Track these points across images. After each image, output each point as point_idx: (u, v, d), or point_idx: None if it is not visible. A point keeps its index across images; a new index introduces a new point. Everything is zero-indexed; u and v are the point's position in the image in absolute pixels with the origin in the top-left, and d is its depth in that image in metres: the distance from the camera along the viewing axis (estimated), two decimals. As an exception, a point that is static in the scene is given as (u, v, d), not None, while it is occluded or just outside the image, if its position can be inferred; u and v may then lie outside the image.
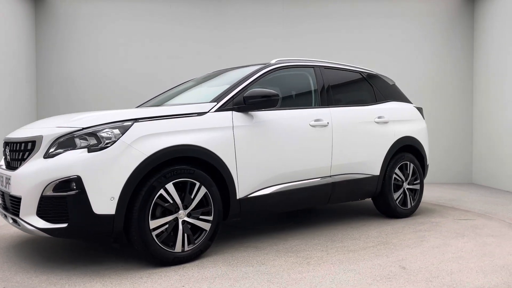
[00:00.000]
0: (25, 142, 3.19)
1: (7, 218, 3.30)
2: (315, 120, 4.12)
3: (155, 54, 7.68)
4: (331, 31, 8.03)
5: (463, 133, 8.26)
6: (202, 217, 3.34)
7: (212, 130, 3.45)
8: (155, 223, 3.10)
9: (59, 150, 3.00)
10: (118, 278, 2.94)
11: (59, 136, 3.03)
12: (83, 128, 3.03)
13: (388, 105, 5.00)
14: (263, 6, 7.85)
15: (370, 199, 5.20)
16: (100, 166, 2.94)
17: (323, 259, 3.37)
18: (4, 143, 3.55)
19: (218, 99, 3.64)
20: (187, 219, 3.27)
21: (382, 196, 4.81)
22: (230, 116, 3.58)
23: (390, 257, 3.42)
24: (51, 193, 2.92)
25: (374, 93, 4.96)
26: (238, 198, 3.58)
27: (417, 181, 5.12)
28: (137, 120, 3.14)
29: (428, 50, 8.20)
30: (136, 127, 3.10)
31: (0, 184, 3.41)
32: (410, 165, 5.03)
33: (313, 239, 3.97)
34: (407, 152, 5.06)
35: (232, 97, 3.68)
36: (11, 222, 3.23)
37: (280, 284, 2.82)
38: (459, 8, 8.24)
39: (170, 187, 3.17)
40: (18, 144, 3.25)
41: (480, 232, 4.26)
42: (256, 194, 3.71)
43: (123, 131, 3.05)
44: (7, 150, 3.44)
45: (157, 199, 3.12)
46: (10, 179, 3.18)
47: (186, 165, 3.29)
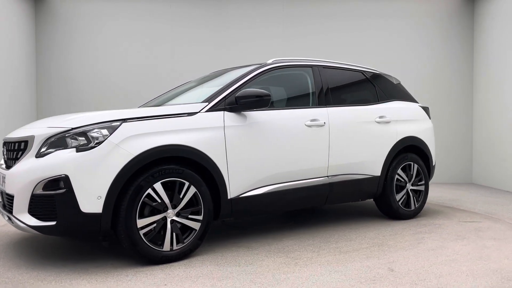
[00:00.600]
0: (18, 142, 3.29)
1: (4, 216, 3.40)
2: (311, 120, 4.09)
3: (155, 54, 7.70)
4: (331, 31, 8.01)
5: (463, 133, 8.24)
6: (191, 216, 3.37)
7: (202, 130, 3.47)
8: (142, 222, 3.14)
9: (50, 150, 3.08)
10: (104, 276, 2.99)
11: (50, 136, 3.11)
12: (73, 128, 3.09)
13: (390, 104, 4.91)
14: (264, 6, 7.84)
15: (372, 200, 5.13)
16: (87, 166, 3.00)
17: (312, 260, 3.35)
18: (3, 142, 3.66)
19: (209, 100, 3.66)
20: (176, 218, 3.30)
21: (383, 197, 4.73)
22: (221, 116, 3.59)
23: (381, 259, 3.36)
24: (41, 191, 3.00)
25: (376, 92, 4.88)
26: (229, 198, 3.59)
27: (421, 182, 5.01)
28: (125, 120, 3.18)
29: (428, 50, 8.19)
30: (124, 127, 3.15)
31: (0, 183, 3.52)
32: (414, 165, 4.93)
33: (307, 240, 3.95)
34: (410, 153, 4.96)
35: (224, 97, 3.69)
36: (6, 219, 3.33)
37: (262, 284, 2.82)
38: (459, 8, 8.21)
39: (158, 186, 3.21)
40: (13, 144, 3.36)
41: (482, 234, 4.14)
42: (249, 194, 3.71)
43: (111, 131, 3.10)
44: (4, 149, 3.55)
45: (145, 198, 3.16)
46: (5, 177, 3.28)
47: (176, 165, 3.32)
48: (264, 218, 4.98)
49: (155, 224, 3.20)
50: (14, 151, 3.32)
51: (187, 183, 3.33)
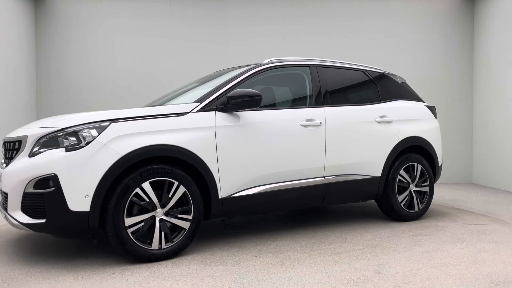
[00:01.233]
0: (13, 142, 3.40)
1: (2, 214, 3.51)
2: (307, 120, 4.06)
3: (155, 53, 7.71)
4: (332, 31, 7.97)
5: (463, 133, 8.19)
6: (180, 216, 3.40)
7: (192, 130, 3.49)
8: (130, 221, 3.19)
9: (43, 149, 3.16)
10: (91, 273, 3.05)
11: (42, 136, 3.19)
12: (63, 128, 3.17)
13: (393, 104, 4.82)
14: (264, 5, 7.80)
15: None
16: (75, 165, 3.06)
17: (301, 260, 3.32)
18: (2, 142, 3.78)
19: (201, 100, 3.68)
20: (165, 217, 3.33)
21: (385, 198, 4.65)
22: (212, 116, 3.61)
23: (371, 261, 3.31)
24: (32, 190, 3.09)
25: (378, 92, 4.80)
26: (220, 197, 3.60)
27: (426, 183, 4.90)
28: (114, 120, 3.24)
29: (428, 50, 8.14)
30: (113, 127, 3.20)
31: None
32: (418, 166, 4.82)
33: (302, 240, 3.92)
34: (414, 153, 4.86)
35: (216, 97, 3.71)
36: (3, 217, 3.43)
37: (242, 284, 2.82)
38: (459, 8, 8.16)
39: (147, 186, 3.25)
40: (9, 144, 3.47)
41: (484, 238, 4.02)
42: (241, 194, 3.71)
43: (100, 131, 3.16)
44: (3, 149, 3.66)
45: (133, 197, 3.20)
46: (1, 176, 3.39)
47: (166, 164, 3.36)
48: (264, 218, 4.97)
49: (143, 223, 3.25)
50: (10, 150, 3.43)
51: (176, 183, 3.36)
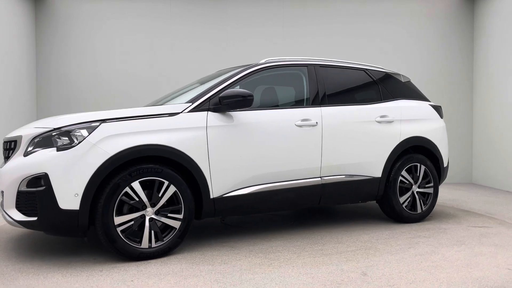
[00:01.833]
0: (9, 142, 3.50)
1: (1, 212, 3.61)
2: (302, 120, 4.03)
3: (155, 54, 7.72)
4: (332, 31, 7.90)
5: (463, 133, 8.11)
6: (171, 215, 3.43)
7: (183, 130, 3.52)
8: (120, 219, 3.24)
9: (37, 149, 3.24)
10: (80, 270, 3.11)
11: (35, 136, 3.27)
12: (55, 129, 3.25)
13: (395, 103, 4.73)
14: (264, 6, 7.77)
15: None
16: (65, 164, 3.13)
17: (290, 261, 3.30)
18: (3, 142, 3.90)
19: (194, 100, 3.71)
20: (155, 216, 3.37)
21: (386, 200, 4.58)
22: (204, 116, 3.63)
23: (360, 262, 3.26)
24: (25, 188, 3.18)
25: (380, 91, 4.72)
26: (212, 197, 3.62)
27: (430, 184, 4.80)
28: (104, 121, 3.29)
29: (427, 50, 8.07)
30: (103, 128, 3.26)
31: None
32: (421, 167, 4.73)
33: (296, 241, 3.89)
34: (417, 153, 4.76)
35: (209, 97, 3.73)
36: (2, 215, 3.54)
37: (224, 284, 2.82)
38: (459, 8, 8.07)
39: (136, 185, 3.29)
40: (7, 143, 3.57)
41: (485, 241, 3.91)
42: (233, 193, 3.72)
43: (90, 131, 3.22)
44: (3, 149, 3.78)
45: (122, 196, 3.25)
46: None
47: (157, 164, 3.40)
48: (264, 218, 4.96)
49: (133, 222, 3.29)
50: (7, 150, 3.54)
51: (166, 182, 3.40)
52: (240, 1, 7.78)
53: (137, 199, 3.30)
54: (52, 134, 3.24)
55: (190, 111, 3.61)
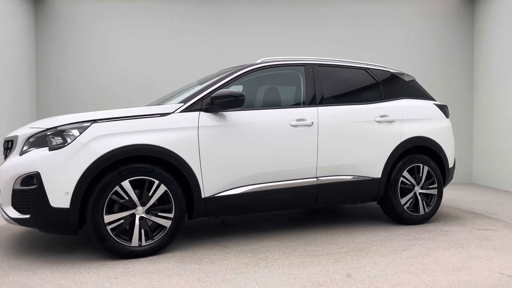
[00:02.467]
0: (7, 141, 3.62)
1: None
2: (297, 120, 4.01)
3: (155, 54, 7.72)
4: (332, 31, 7.81)
5: (463, 132, 7.97)
6: (161, 214, 3.47)
7: (174, 130, 3.55)
8: (110, 218, 3.30)
9: (31, 148, 3.34)
10: (70, 267, 3.18)
11: (30, 136, 3.37)
12: (48, 129, 3.33)
13: (397, 103, 4.64)
14: (264, 6, 7.72)
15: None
16: (56, 163, 3.21)
17: (277, 261, 3.29)
18: (3, 142, 4.03)
19: (186, 100, 3.74)
20: (145, 215, 3.41)
21: (386, 201, 4.50)
22: (196, 116, 3.66)
23: (348, 264, 3.22)
24: (19, 186, 3.28)
25: (381, 90, 4.64)
26: (203, 197, 3.64)
27: (433, 185, 4.69)
28: (96, 121, 3.36)
29: (427, 50, 7.95)
30: (94, 128, 3.33)
31: None
32: (424, 167, 4.62)
33: (290, 241, 3.88)
34: (420, 154, 4.66)
35: (201, 98, 3.76)
36: (1, 213, 3.66)
37: (205, 283, 2.84)
38: (458, 8, 7.96)
39: (126, 184, 3.35)
40: (5, 143, 3.69)
41: (486, 244, 3.79)
42: (225, 193, 3.73)
43: (82, 131, 3.30)
44: (3, 148, 3.91)
45: (112, 195, 3.31)
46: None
47: (147, 164, 3.44)
48: (264, 218, 4.95)
49: (123, 220, 3.35)
50: (6, 149, 3.65)
51: (156, 182, 3.44)
52: (240, 1, 7.76)
53: (127, 198, 3.35)
54: (47, 134, 3.33)
55: (182, 111, 3.65)
